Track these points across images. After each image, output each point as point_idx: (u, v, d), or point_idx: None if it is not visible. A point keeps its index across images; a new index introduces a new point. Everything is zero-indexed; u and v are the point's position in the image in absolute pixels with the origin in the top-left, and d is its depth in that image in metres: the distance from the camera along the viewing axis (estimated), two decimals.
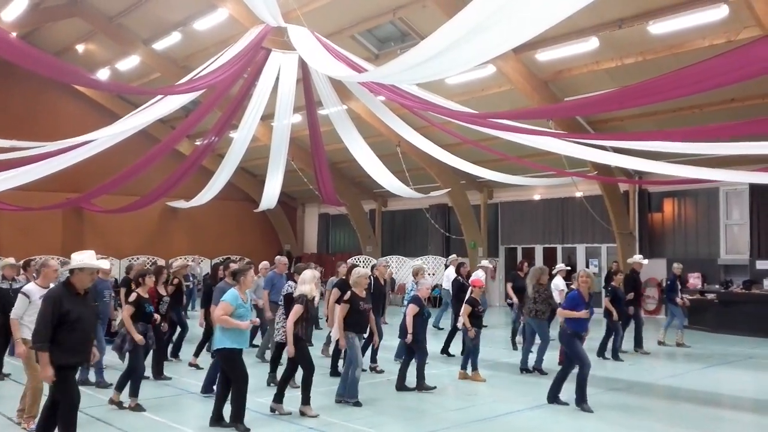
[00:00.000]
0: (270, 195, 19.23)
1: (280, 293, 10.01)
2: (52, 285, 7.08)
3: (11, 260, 10.29)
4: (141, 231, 25.79)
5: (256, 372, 8.95)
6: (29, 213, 21.20)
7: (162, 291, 9.50)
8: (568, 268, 14.23)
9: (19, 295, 7.14)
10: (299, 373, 7.91)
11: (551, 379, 8.73)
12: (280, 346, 9.20)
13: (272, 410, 7.76)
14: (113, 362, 9.43)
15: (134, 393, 7.91)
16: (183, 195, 23.30)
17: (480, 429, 7.53)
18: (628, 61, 14.50)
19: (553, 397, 8.47)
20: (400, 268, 24.14)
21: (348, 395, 8.32)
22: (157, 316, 8.58)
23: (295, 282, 9.34)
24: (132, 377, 7.91)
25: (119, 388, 7.96)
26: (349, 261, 14.30)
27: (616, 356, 11.97)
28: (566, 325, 8.40)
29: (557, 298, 11.57)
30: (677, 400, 9.18)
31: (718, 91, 12.38)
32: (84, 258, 5.95)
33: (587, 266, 19.87)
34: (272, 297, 10.81)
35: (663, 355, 12.74)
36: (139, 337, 7.81)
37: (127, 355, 7.92)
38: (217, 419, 7.20)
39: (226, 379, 7.26)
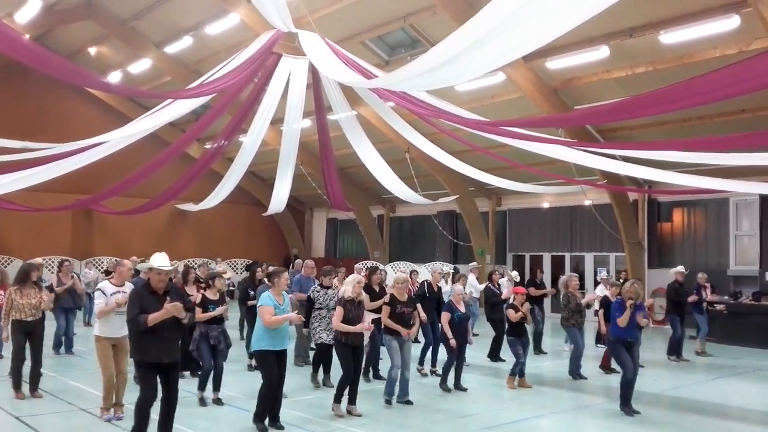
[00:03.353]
0: (278, 199, 19.28)
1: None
2: (128, 284, 7.63)
3: (39, 260, 10.50)
4: (150, 233, 25.87)
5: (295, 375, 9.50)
6: (39, 214, 21.33)
7: (190, 292, 9.56)
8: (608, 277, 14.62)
9: (96, 292, 7.66)
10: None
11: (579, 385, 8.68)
12: (321, 347, 9.44)
13: (333, 411, 7.95)
14: None
15: (202, 386, 8.40)
16: (192, 198, 23.43)
17: None
18: (639, 70, 14.47)
19: (623, 403, 8.56)
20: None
21: (386, 392, 8.63)
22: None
23: (322, 285, 9.57)
24: (201, 372, 8.52)
25: (201, 387, 8.43)
26: (357, 266, 14.32)
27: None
28: (609, 333, 9.03)
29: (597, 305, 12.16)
30: (685, 411, 9.12)
31: (728, 102, 12.33)
32: (154, 260, 6.42)
33: (595, 275, 19.79)
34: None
35: (671, 366, 12.66)
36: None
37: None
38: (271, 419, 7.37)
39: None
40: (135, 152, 15.42)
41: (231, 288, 14.73)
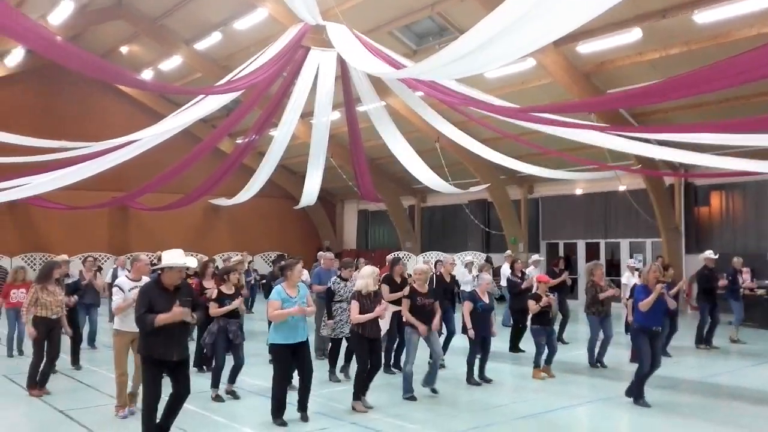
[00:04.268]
0: (310, 192, 19.39)
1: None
2: (144, 278, 7.58)
3: (65, 257, 10.63)
4: (184, 228, 26.26)
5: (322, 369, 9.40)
6: (77, 211, 21.78)
7: (208, 285, 9.70)
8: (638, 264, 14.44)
9: (114, 288, 7.68)
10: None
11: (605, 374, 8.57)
12: (336, 342, 9.50)
13: (353, 408, 7.84)
14: None
15: (215, 384, 8.34)
16: (225, 193, 23.69)
17: (527, 425, 7.51)
18: (673, 51, 14.18)
19: (637, 396, 8.30)
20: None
21: (403, 390, 8.43)
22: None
23: (341, 277, 9.55)
24: (214, 368, 8.46)
25: (215, 384, 8.37)
26: (389, 256, 14.30)
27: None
28: (633, 320, 8.64)
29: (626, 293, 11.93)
30: (726, 398, 8.98)
31: (766, 81, 12.02)
32: (170, 258, 6.27)
33: None
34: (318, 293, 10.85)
35: (707, 354, 12.44)
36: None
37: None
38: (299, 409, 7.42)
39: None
40: (168, 149, 15.64)
41: (262, 281, 14.82)
